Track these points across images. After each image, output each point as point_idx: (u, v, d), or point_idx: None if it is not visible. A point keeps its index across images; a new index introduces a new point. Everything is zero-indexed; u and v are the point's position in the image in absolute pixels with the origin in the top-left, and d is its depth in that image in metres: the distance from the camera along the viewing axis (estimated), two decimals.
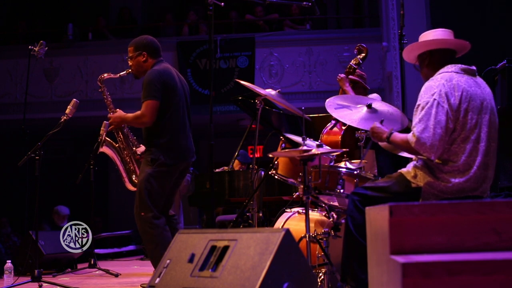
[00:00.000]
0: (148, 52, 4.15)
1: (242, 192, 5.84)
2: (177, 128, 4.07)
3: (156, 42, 4.26)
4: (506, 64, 4.39)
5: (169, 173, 4.05)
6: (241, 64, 9.86)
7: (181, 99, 4.13)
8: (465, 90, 2.91)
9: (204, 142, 3.60)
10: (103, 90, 4.43)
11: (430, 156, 2.84)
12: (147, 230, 3.98)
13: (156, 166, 3.98)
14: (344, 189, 3.42)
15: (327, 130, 4.26)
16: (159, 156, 3.98)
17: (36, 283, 4.45)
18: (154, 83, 3.98)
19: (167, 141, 4.01)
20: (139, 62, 4.16)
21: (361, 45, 4.52)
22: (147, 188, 3.98)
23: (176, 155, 4.04)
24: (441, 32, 3.11)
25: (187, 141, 4.13)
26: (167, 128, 4.03)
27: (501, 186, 4.43)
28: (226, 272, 2.34)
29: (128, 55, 4.21)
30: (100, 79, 4.43)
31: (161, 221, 4.01)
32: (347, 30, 11.06)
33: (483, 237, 1.80)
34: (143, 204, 3.99)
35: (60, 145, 12.33)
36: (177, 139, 4.06)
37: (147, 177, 3.99)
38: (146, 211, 3.98)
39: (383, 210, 1.88)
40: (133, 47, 4.19)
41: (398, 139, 2.98)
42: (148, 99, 3.97)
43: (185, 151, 4.11)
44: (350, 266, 3.01)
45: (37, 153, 4.58)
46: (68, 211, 8.33)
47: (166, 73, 4.08)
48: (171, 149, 4.02)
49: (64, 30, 10.26)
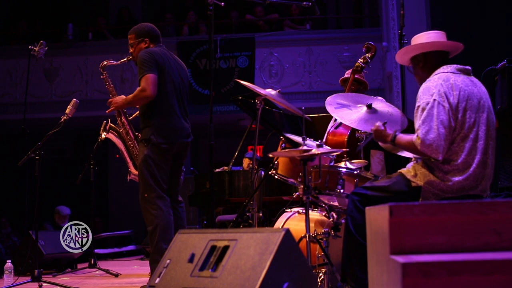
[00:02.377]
0: (149, 38, 4.22)
1: (242, 192, 5.84)
2: (168, 108, 4.10)
3: (156, 29, 4.32)
4: (506, 64, 4.39)
5: (164, 153, 4.06)
6: (241, 64, 9.85)
7: (175, 80, 4.16)
8: (463, 89, 2.92)
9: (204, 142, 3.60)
10: (105, 77, 4.50)
11: (437, 157, 2.83)
12: (149, 211, 4.00)
13: (150, 147, 4.02)
14: (344, 189, 3.41)
15: (332, 130, 4.24)
16: (150, 136, 4.02)
17: (36, 283, 4.45)
18: (148, 59, 4.03)
19: (158, 121, 4.05)
20: (141, 49, 4.19)
21: (369, 43, 4.47)
22: (147, 169, 4.02)
23: (167, 134, 4.06)
24: (434, 34, 3.11)
25: (180, 121, 4.14)
26: (157, 108, 4.06)
27: (501, 186, 4.43)
28: (226, 272, 2.34)
29: (129, 42, 4.26)
30: (102, 66, 4.51)
31: (165, 203, 4.03)
32: (347, 30, 11.06)
33: (483, 237, 1.80)
34: (145, 185, 4.02)
35: (60, 145, 12.33)
36: (168, 119, 4.09)
37: (144, 158, 4.03)
38: (149, 192, 4.01)
39: (383, 210, 1.88)
40: (134, 35, 4.25)
41: (404, 141, 2.98)
42: (145, 73, 4.00)
43: (177, 130, 4.12)
44: (350, 266, 3.02)
45: (37, 153, 4.59)
46: (69, 211, 8.34)
47: (157, 53, 4.12)
48: (162, 128, 4.05)
49: (64, 30, 10.25)
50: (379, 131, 3.09)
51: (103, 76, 4.52)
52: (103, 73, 4.52)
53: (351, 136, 4.07)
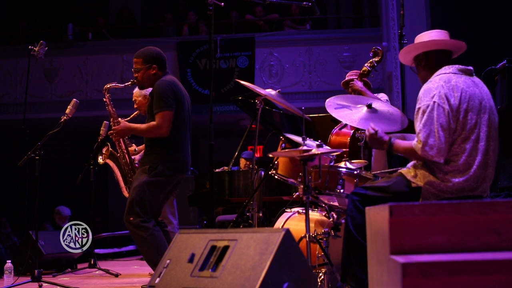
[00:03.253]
0: (158, 65, 4.09)
1: (242, 192, 5.84)
2: (180, 140, 4.05)
3: (163, 55, 4.20)
4: (506, 64, 4.39)
5: (164, 184, 4.02)
6: (241, 64, 9.85)
7: (186, 114, 4.11)
8: (464, 90, 2.90)
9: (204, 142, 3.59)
10: (107, 100, 4.36)
11: (439, 160, 2.83)
12: (138, 233, 3.96)
13: (153, 175, 3.95)
14: (344, 189, 3.41)
15: (336, 131, 4.24)
16: (158, 166, 3.95)
17: (36, 283, 4.45)
18: (168, 93, 3.95)
19: (169, 151, 3.99)
20: (149, 75, 4.08)
21: (377, 47, 4.45)
22: (139, 195, 3.95)
23: (174, 166, 4.02)
24: (437, 33, 3.10)
25: (187, 154, 4.11)
26: (171, 139, 3.99)
27: (501, 186, 4.43)
28: (226, 272, 2.34)
29: (135, 66, 4.11)
30: (105, 89, 4.36)
31: (150, 223, 3.99)
32: (347, 30, 11.05)
33: (483, 237, 1.80)
34: (132, 210, 3.96)
35: (60, 145, 12.33)
36: (177, 151, 4.03)
37: (141, 184, 3.95)
38: (134, 217, 3.95)
39: (383, 210, 1.88)
40: (142, 59, 4.09)
41: (401, 148, 2.97)
42: (163, 110, 3.91)
43: (183, 164, 4.08)
44: (350, 266, 3.01)
45: (37, 153, 4.59)
46: (70, 211, 8.34)
47: (176, 84, 4.06)
48: (171, 160, 3.99)
49: (64, 30, 10.25)
50: (373, 137, 3.06)
51: (105, 99, 4.36)
52: (106, 95, 4.36)
53: (353, 137, 4.07)
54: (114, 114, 4.33)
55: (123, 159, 4.45)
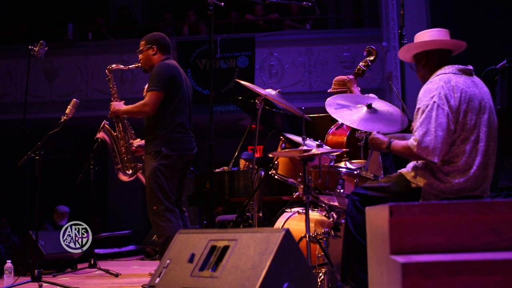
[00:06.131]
0: (158, 46, 4.24)
1: (242, 192, 5.84)
2: (178, 122, 4.12)
3: (167, 39, 4.35)
4: (506, 64, 4.39)
5: (173, 164, 4.08)
6: (241, 64, 9.85)
7: (185, 96, 4.19)
8: (464, 91, 2.90)
9: (204, 142, 3.59)
10: (110, 79, 4.52)
11: (433, 159, 2.82)
12: (159, 223, 4.00)
13: (160, 159, 4.03)
14: (344, 189, 3.41)
15: (332, 131, 4.25)
16: (161, 148, 4.03)
17: (36, 283, 4.45)
18: (163, 75, 4.06)
19: (168, 132, 4.07)
20: (148, 55, 4.24)
21: (370, 47, 4.49)
22: (155, 181, 4.02)
23: (176, 146, 4.08)
24: (438, 32, 3.10)
25: (188, 135, 4.18)
26: (168, 120, 4.08)
27: (501, 186, 4.43)
28: (226, 272, 2.34)
29: (139, 48, 4.28)
30: (109, 69, 4.51)
31: (174, 215, 4.03)
32: (347, 30, 11.05)
33: (483, 237, 1.80)
34: (154, 198, 4.02)
35: (60, 145, 12.32)
36: (177, 132, 4.10)
37: (153, 171, 4.03)
38: (158, 204, 4.01)
39: (383, 210, 1.88)
40: (145, 41, 4.28)
41: (399, 147, 2.97)
42: (153, 90, 4.04)
43: (185, 143, 4.14)
44: (350, 266, 3.01)
45: (37, 153, 4.59)
46: (68, 209, 8.35)
47: (175, 68, 4.17)
48: (171, 140, 4.07)
49: (64, 30, 10.25)
50: (374, 140, 3.09)
51: (108, 78, 4.53)
52: (109, 75, 4.52)
53: (351, 136, 4.07)
54: (115, 94, 4.47)
55: (121, 140, 4.46)
